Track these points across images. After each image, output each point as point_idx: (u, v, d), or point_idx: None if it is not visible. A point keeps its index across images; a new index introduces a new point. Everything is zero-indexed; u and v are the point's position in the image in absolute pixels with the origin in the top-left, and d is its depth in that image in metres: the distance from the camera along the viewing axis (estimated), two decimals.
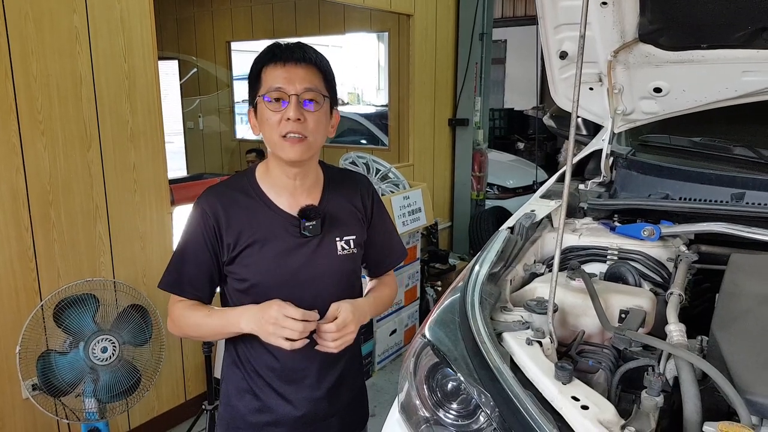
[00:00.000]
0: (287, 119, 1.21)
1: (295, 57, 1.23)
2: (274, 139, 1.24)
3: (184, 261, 1.32)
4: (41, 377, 2.05)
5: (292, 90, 1.22)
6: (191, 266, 1.31)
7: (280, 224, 1.30)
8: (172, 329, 1.37)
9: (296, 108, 1.21)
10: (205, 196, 1.33)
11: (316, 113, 1.25)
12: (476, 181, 5.14)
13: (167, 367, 2.77)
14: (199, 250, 1.30)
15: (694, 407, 0.98)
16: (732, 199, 1.65)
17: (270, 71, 1.24)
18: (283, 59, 1.23)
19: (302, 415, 1.36)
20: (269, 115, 1.23)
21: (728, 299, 1.24)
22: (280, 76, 1.22)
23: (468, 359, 1.13)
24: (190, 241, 1.31)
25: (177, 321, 1.34)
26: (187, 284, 1.32)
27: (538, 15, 1.72)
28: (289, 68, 1.22)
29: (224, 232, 1.29)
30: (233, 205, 1.30)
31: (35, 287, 2.32)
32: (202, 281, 1.32)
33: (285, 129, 1.22)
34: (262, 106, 1.24)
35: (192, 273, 1.31)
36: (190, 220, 1.32)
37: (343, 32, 6.06)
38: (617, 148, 2.01)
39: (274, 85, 1.22)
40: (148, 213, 2.68)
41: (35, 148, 2.25)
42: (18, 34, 2.16)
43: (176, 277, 1.32)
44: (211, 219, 1.29)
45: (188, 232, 1.32)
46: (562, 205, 1.19)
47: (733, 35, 1.56)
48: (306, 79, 1.23)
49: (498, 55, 10.79)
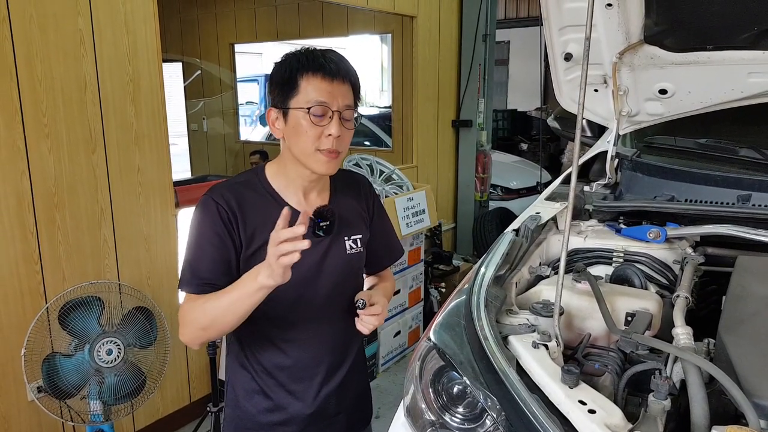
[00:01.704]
0: (328, 135, 1.22)
1: (341, 73, 1.23)
2: (309, 150, 1.24)
3: (196, 257, 1.25)
4: (46, 379, 2.05)
5: (335, 106, 1.22)
6: (205, 262, 1.25)
7: (293, 223, 1.30)
8: (186, 334, 1.26)
9: (338, 125, 1.22)
10: (216, 191, 1.28)
11: (351, 130, 1.27)
12: (480, 183, 5.13)
13: (172, 369, 2.77)
14: (219, 243, 1.24)
15: (702, 411, 0.97)
16: (738, 200, 1.64)
17: (313, 82, 1.22)
18: (331, 74, 1.22)
19: (312, 413, 1.37)
20: (308, 128, 1.22)
21: (735, 302, 1.24)
22: (325, 90, 1.21)
23: (474, 362, 1.13)
24: (205, 236, 1.25)
25: (188, 318, 1.24)
26: (205, 280, 1.24)
27: (542, 16, 1.72)
28: (335, 84, 1.22)
29: (240, 226, 1.26)
30: (245, 202, 1.28)
31: (40, 290, 2.32)
32: (219, 273, 1.25)
33: (324, 145, 1.23)
34: (300, 116, 1.22)
35: (208, 268, 1.25)
36: (200, 215, 1.27)
37: (347, 34, 6.06)
38: (622, 150, 2.00)
39: (318, 99, 1.21)
40: (152, 215, 2.68)
41: (40, 150, 2.26)
42: (23, 37, 2.16)
43: (188, 275, 1.26)
44: (226, 212, 1.25)
45: (201, 228, 1.26)
46: (568, 207, 1.19)
47: (739, 36, 1.55)
48: (346, 96, 1.24)
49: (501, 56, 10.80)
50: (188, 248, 1.28)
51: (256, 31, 6.46)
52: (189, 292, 1.26)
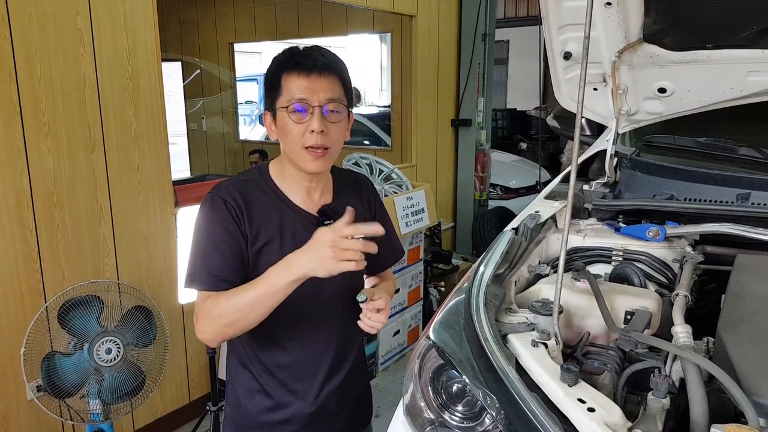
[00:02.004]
0: (311, 131, 1.21)
1: (318, 67, 1.21)
2: (297, 149, 1.24)
3: (209, 254, 1.23)
4: (46, 379, 2.05)
5: (316, 101, 1.21)
6: (221, 258, 1.23)
7: (299, 222, 1.30)
8: (206, 330, 1.22)
9: (320, 120, 1.21)
10: (222, 188, 1.28)
11: (338, 123, 1.25)
12: (479, 182, 5.13)
13: (171, 369, 2.77)
14: (230, 239, 1.23)
15: (702, 409, 0.97)
16: (737, 199, 1.64)
17: (292, 80, 1.22)
18: (307, 69, 1.21)
19: (313, 412, 1.36)
20: (292, 126, 1.22)
21: (735, 300, 1.24)
22: (303, 86, 1.21)
23: (473, 361, 1.13)
24: (216, 232, 1.23)
25: (211, 314, 1.20)
26: (222, 277, 1.22)
27: (541, 15, 1.72)
28: (313, 79, 1.21)
29: (246, 223, 1.25)
30: (251, 199, 1.28)
31: (40, 289, 2.32)
32: (235, 272, 1.24)
33: (308, 141, 1.22)
34: (284, 116, 1.23)
35: (224, 264, 1.23)
36: (208, 212, 1.26)
37: (346, 33, 6.07)
38: (621, 149, 2.00)
39: (297, 96, 1.21)
40: (152, 214, 2.68)
41: (39, 150, 2.26)
42: (22, 36, 2.16)
43: (207, 272, 1.23)
44: (235, 209, 1.24)
45: (210, 224, 1.24)
46: (567, 205, 1.19)
47: (739, 35, 1.55)
48: (329, 89, 1.22)
49: (500, 55, 10.79)
50: (197, 245, 1.25)
51: (255, 30, 6.46)
52: (203, 290, 1.23)
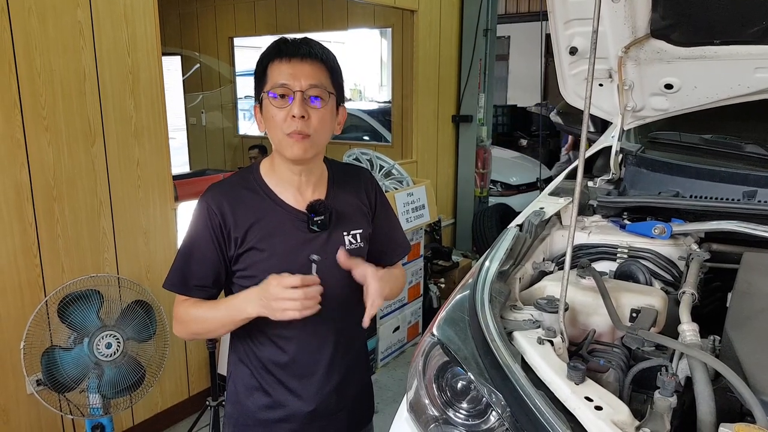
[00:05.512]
0: (291, 116, 1.20)
1: (300, 52, 1.21)
2: (279, 136, 1.23)
3: (189, 260, 1.30)
4: (46, 373, 2.04)
5: (297, 86, 1.20)
6: (197, 265, 1.29)
7: (288, 220, 1.29)
8: (179, 331, 1.34)
9: (300, 105, 1.20)
10: (210, 193, 1.30)
11: (321, 110, 1.23)
12: (480, 178, 5.12)
13: (171, 363, 2.77)
14: (205, 247, 1.28)
15: (709, 408, 0.97)
16: (744, 197, 1.63)
17: (275, 67, 1.22)
18: (289, 55, 1.21)
19: (312, 410, 1.35)
20: (274, 112, 1.22)
21: (742, 298, 1.23)
22: (285, 72, 1.21)
23: (478, 358, 1.12)
24: (195, 239, 1.29)
25: (182, 320, 1.32)
26: (193, 283, 1.30)
27: (548, 10, 1.70)
28: (294, 64, 1.21)
29: (231, 229, 1.27)
30: (239, 202, 1.29)
31: (39, 283, 2.31)
32: (208, 280, 1.30)
33: (289, 127, 1.21)
34: (267, 103, 1.23)
35: (198, 271, 1.29)
36: (195, 217, 1.30)
37: (346, 28, 6.04)
38: (626, 145, 1.99)
39: (278, 82, 1.21)
40: (151, 209, 2.67)
41: (39, 143, 2.24)
42: (22, 29, 2.14)
43: (181, 277, 1.30)
44: (217, 216, 1.27)
45: (193, 230, 1.30)
46: (574, 202, 1.18)
47: (746, 31, 1.54)
48: (311, 75, 1.21)
49: (501, 51, 10.76)
50: (181, 249, 1.32)
51: (255, 24, 6.43)
52: (178, 293, 1.32)
